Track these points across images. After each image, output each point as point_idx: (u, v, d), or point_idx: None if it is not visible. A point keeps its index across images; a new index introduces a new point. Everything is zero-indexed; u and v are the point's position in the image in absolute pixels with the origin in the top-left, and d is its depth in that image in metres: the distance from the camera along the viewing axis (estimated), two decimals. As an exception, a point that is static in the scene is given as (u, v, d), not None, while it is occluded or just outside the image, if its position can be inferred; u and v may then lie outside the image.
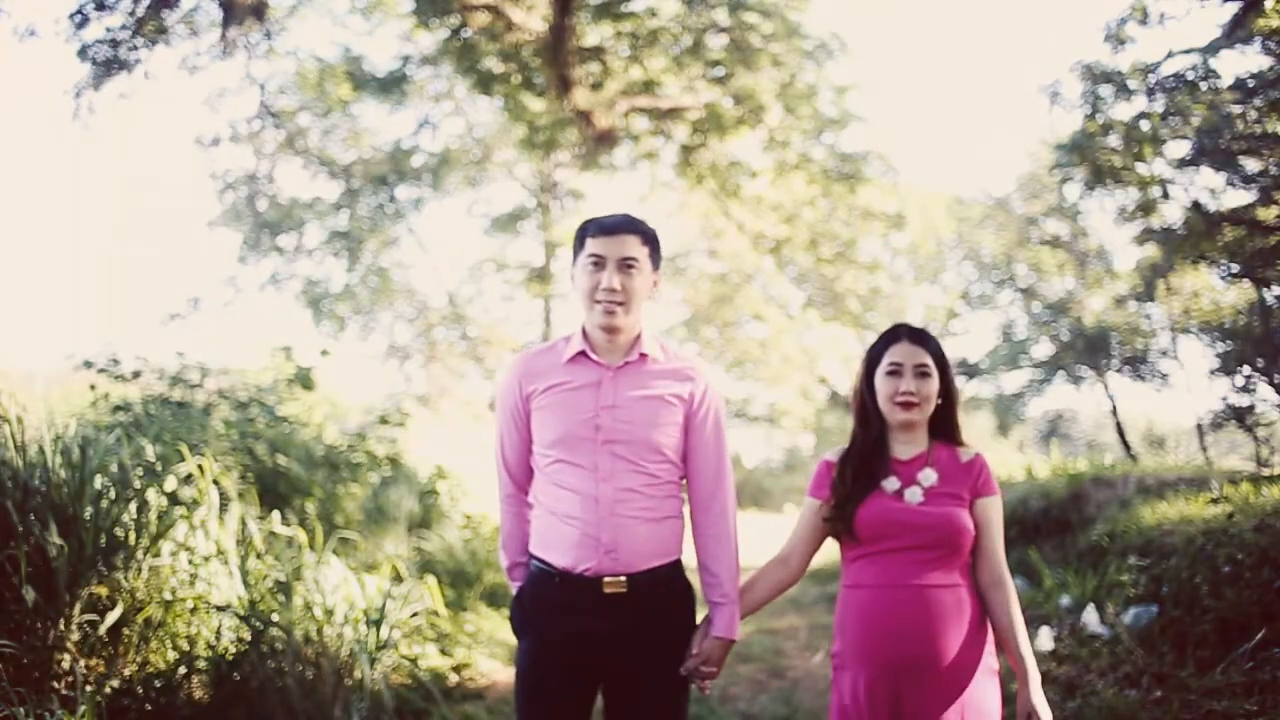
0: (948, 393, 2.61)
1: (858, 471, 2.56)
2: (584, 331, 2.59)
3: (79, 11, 9.13)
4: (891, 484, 2.54)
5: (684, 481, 2.61)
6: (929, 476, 2.53)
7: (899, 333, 2.63)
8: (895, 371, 2.57)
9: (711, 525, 2.60)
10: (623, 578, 2.46)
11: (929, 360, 2.57)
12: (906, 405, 2.54)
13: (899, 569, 2.45)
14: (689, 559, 2.57)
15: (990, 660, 2.46)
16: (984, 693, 2.43)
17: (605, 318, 2.50)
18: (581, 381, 2.54)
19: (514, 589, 2.68)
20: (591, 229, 2.55)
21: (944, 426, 2.62)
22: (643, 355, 2.57)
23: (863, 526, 2.50)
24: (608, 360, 2.56)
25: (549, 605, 2.50)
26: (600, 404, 2.51)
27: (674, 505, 2.55)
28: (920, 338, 2.61)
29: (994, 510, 2.54)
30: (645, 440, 2.51)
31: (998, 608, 2.47)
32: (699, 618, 2.60)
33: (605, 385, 2.53)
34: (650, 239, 2.57)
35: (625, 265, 2.51)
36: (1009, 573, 2.53)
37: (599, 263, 2.51)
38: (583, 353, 2.56)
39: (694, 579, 2.57)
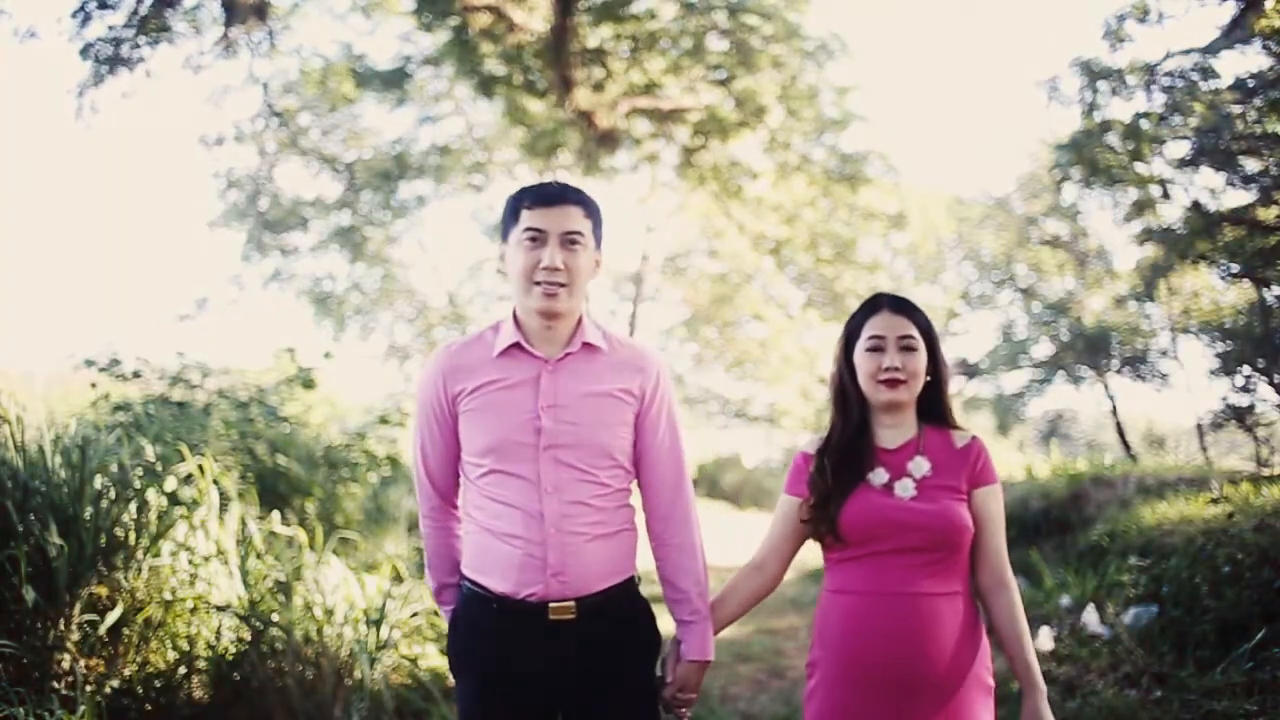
0: (936, 369, 2.30)
1: (840, 464, 2.25)
2: (516, 319, 2.25)
3: (81, 9, 9.13)
4: (879, 476, 2.23)
5: (633, 487, 2.32)
6: (921, 466, 2.23)
7: (879, 302, 2.31)
8: (877, 346, 2.26)
9: (674, 536, 2.30)
10: (570, 603, 2.15)
11: (914, 332, 2.26)
12: (891, 383, 2.23)
13: (890, 574, 2.16)
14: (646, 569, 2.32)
15: (987, 677, 2.21)
16: (981, 714, 2.18)
17: (545, 301, 2.17)
18: (517, 378, 2.20)
19: (444, 614, 2.37)
20: (527, 199, 2.20)
21: (934, 408, 2.31)
22: (586, 345, 2.24)
23: (849, 527, 2.19)
24: (545, 352, 2.22)
25: (486, 636, 2.19)
26: (541, 403, 2.18)
27: (626, 516, 2.26)
28: (904, 307, 2.30)
29: (995, 501, 2.24)
30: (594, 444, 2.19)
31: (1000, 613, 2.21)
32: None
33: (545, 381, 2.20)
34: (593, 211, 2.25)
35: (568, 241, 2.18)
36: (1012, 572, 2.26)
37: (537, 238, 2.17)
38: (517, 344, 2.22)
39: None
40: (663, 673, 2.32)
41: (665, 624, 2.41)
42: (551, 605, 2.15)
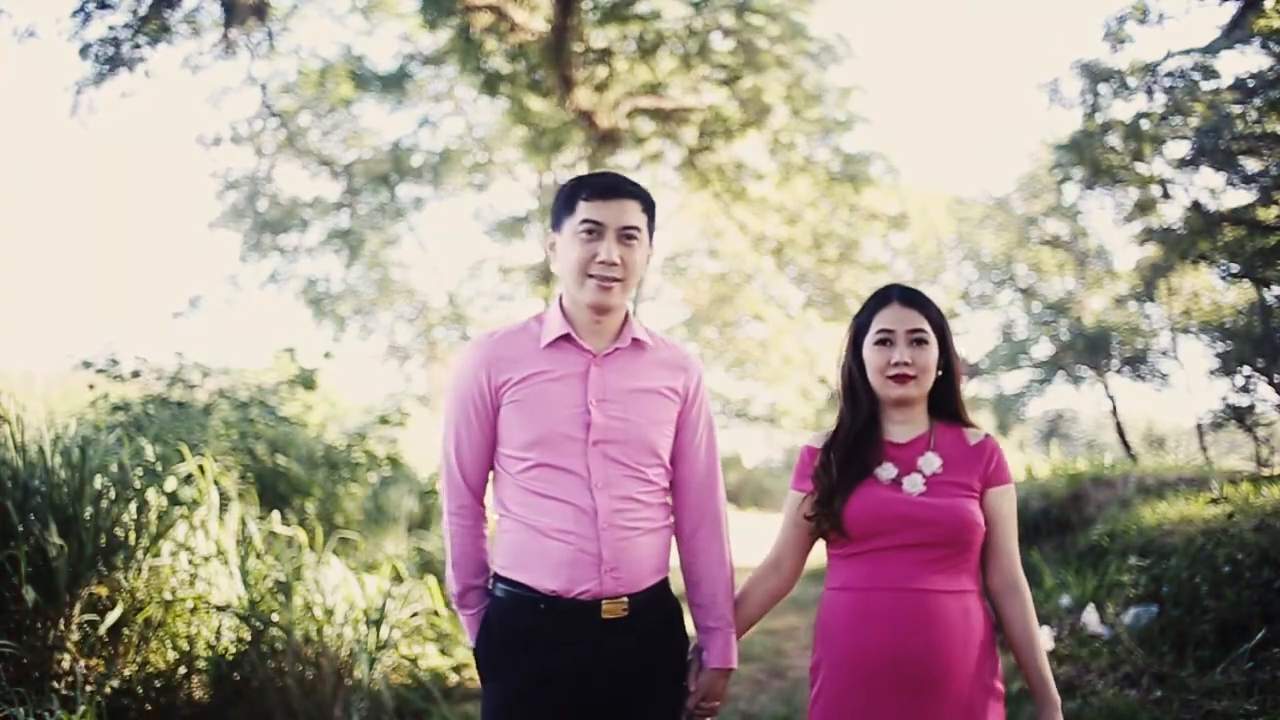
0: (949, 364, 2.24)
1: (846, 457, 2.19)
2: (563, 311, 2.20)
3: (81, 9, 9.12)
4: (887, 471, 2.17)
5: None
6: (931, 462, 2.17)
7: (890, 294, 2.25)
8: (886, 340, 2.19)
9: (707, 540, 2.27)
10: (624, 599, 2.11)
11: (925, 325, 2.20)
12: (900, 379, 2.17)
13: (896, 570, 2.09)
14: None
15: (997, 683, 2.13)
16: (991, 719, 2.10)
17: (600, 295, 2.12)
18: (565, 371, 2.15)
19: (465, 618, 2.27)
20: (585, 191, 2.14)
21: (946, 404, 2.24)
22: (635, 341, 2.21)
23: (853, 521, 2.13)
24: (594, 346, 2.17)
25: (530, 638, 2.11)
26: (591, 397, 2.13)
27: (666, 513, 2.24)
28: (915, 299, 2.23)
29: (1008, 502, 2.17)
30: (642, 440, 2.15)
31: (1013, 618, 2.14)
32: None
33: (594, 375, 2.15)
34: (650, 206, 2.21)
35: (625, 235, 2.13)
36: (1024, 576, 2.18)
37: (595, 231, 2.11)
38: (567, 336, 2.17)
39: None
40: (685, 681, 2.27)
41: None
42: (605, 603, 2.10)
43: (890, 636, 2.07)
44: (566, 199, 2.17)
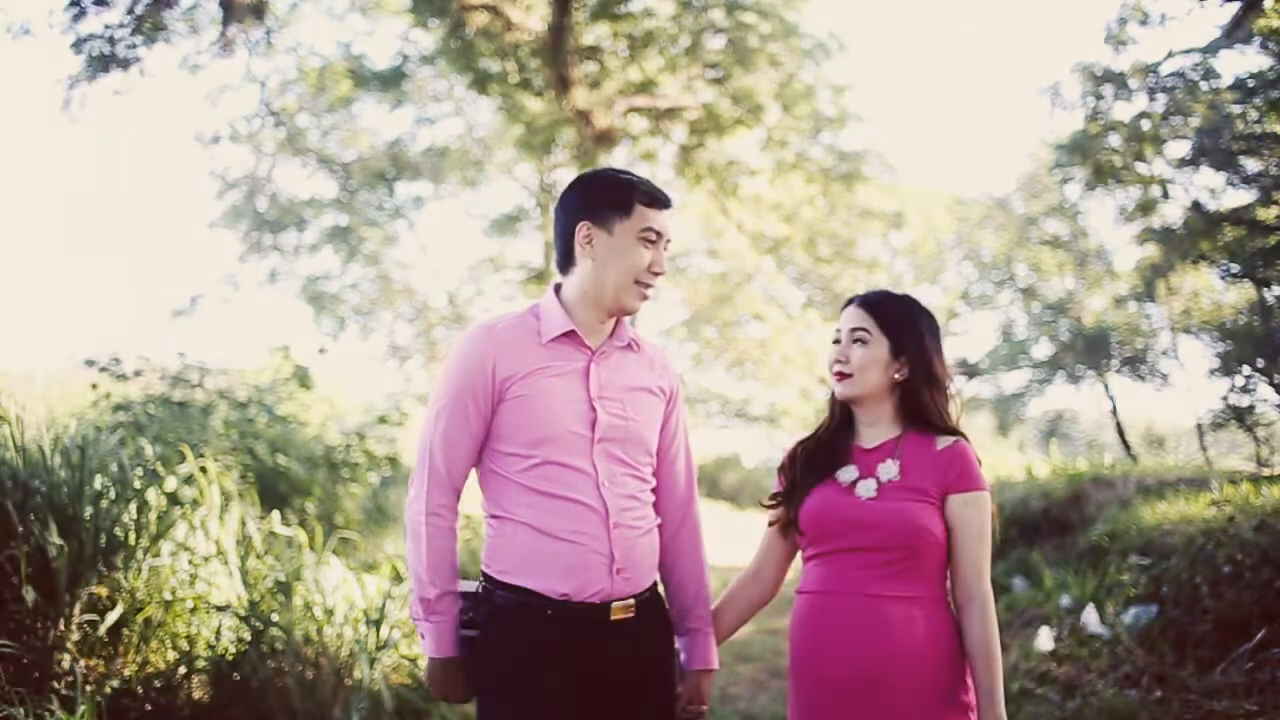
0: (915, 368, 2.18)
1: (811, 457, 2.23)
2: (564, 306, 2.16)
3: (75, 2, 9.08)
4: (848, 474, 2.17)
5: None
6: (889, 469, 2.14)
7: (853, 299, 2.27)
8: (835, 340, 2.23)
9: (687, 541, 2.27)
10: (630, 601, 2.09)
11: (869, 324, 2.17)
12: (838, 376, 2.20)
13: (847, 574, 2.10)
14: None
15: (963, 694, 2.08)
16: None
17: (640, 302, 2.12)
18: (568, 367, 2.11)
19: (430, 626, 2.12)
20: (644, 197, 2.11)
21: (916, 410, 2.19)
22: (631, 341, 2.21)
23: (805, 520, 2.16)
24: (592, 343, 2.15)
25: (535, 652, 2.05)
26: (595, 394, 2.11)
27: (656, 513, 2.23)
28: (870, 301, 2.22)
29: (974, 510, 2.10)
30: (640, 439, 2.15)
31: (968, 629, 2.07)
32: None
33: (593, 372, 2.13)
34: None
35: (667, 244, 2.16)
36: (990, 589, 2.11)
37: (655, 240, 2.11)
38: (571, 333, 2.13)
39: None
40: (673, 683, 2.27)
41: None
42: (614, 605, 2.07)
43: (837, 639, 2.08)
44: (619, 198, 2.11)
